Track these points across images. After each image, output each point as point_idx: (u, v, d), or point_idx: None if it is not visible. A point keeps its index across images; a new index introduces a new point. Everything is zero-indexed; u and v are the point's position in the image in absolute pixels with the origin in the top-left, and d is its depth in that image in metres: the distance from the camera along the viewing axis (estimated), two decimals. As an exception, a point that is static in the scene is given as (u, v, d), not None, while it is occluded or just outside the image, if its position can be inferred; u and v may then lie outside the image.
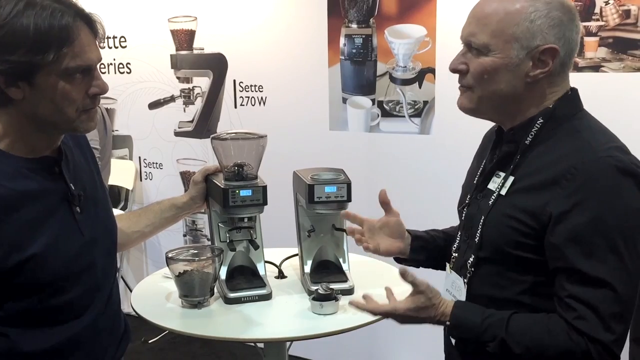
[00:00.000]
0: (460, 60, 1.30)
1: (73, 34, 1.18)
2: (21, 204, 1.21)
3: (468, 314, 1.29)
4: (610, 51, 2.34)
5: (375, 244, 1.62)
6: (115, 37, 3.72)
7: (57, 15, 1.16)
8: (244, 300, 1.76)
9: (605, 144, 1.23)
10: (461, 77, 1.31)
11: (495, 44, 1.24)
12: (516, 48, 1.23)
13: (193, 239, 3.70)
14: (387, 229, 1.62)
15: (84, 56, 1.20)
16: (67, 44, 1.17)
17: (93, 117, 1.28)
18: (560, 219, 1.19)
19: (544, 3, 1.23)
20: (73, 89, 1.20)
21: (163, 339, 3.51)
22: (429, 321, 1.33)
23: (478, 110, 1.32)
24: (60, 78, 1.18)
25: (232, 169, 1.76)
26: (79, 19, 1.19)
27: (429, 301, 1.31)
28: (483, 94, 1.29)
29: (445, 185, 2.57)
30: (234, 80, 3.37)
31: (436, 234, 1.63)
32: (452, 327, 1.30)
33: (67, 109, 1.22)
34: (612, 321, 1.17)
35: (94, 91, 1.24)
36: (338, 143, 3.03)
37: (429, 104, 2.79)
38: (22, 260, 1.20)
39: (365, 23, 2.88)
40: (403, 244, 1.61)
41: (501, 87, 1.27)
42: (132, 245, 1.81)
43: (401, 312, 1.32)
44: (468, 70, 1.29)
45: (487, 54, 1.25)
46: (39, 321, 1.26)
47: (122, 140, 3.87)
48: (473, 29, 1.27)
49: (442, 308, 1.31)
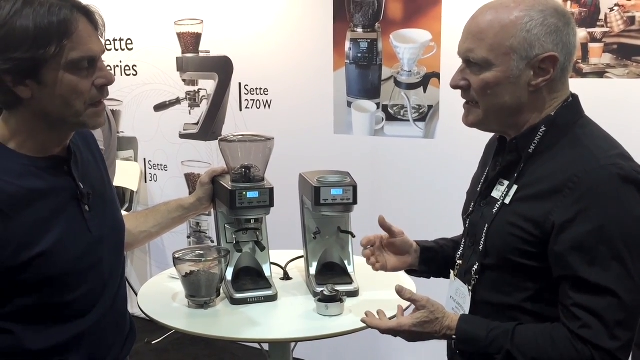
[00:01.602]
0: (461, 76, 1.30)
1: (72, 26, 1.19)
2: (31, 201, 1.23)
3: (474, 328, 1.29)
4: (615, 57, 2.35)
5: (383, 262, 1.65)
6: (122, 39, 3.74)
7: (55, 10, 1.18)
8: (250, 301, 1.77)
9: (607, 151, 1.23)
10: (464, 92, 1.31)
11: (495, 58, 1.24)
12: (516, 59, 1.23)
13: (197, 240, 3.71)
14: (393, 248, 1.65)
15: (85, 47, 1.22)
16: (67, 36, 1.18)
17: (101, 113, 1.29)
18: (564, 227, 1.19)
19: (538, 11, 1.23)
20: (80, 81, 1.22)
21: (166, 340, 3.52)
22: (436, 336, 1.33)
23: (484, 124, 1.33)
24: (66, 71, 1.20)
25: (239, 171, 1.77)
26: (76, 11, 1.21)
27: (432, 315, 1.32)
28: (489, 108, 1.29)
29: (449, 189, 2.58)
30: (239, 83, 3.39)
31: (445, 243, 1.64)
32: (459, 341, 1.31)
33: (75, 102, 1.23)
34: (616, 329, 1.17)
35: (101, 82, 1.25)
36: (343, 146, 3.04)
37: (434, 108, 2.81)
38: (30, 257, 1.21)
39: (371, 27, 2.90)
40: (411, 258, 1.63)
41: (505, 99, 1.27)
42: (139, 245, 1.83)
43: (406, 328, 1.34)
44: (469, 85, 1.29)
45: (489, 69, 1.25)
46: (45, 318, 1.27)
47: (127, 141, 3.89)
48: (470, 45, 1.27)
49: (447, 322, 1.32)
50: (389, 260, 1.64)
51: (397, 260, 1.64)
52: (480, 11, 1.28)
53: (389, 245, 1.65)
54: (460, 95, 1.34)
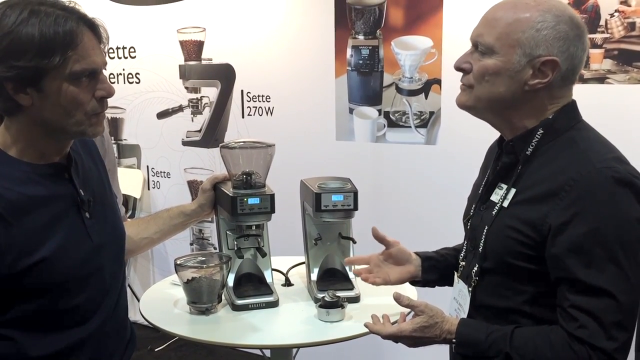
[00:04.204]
0: (466, 59, 1.33)
1: (77, 38, 1.20)
2: (31, 208, 1.23)
3: (473, 331, 1.31)
4: (616, 63, 2.36)
5: (384, 276, 1.65)
6: (125, 47, 3.76)
7: (61, 21, 1.19)
8: (251, 307, 1.77)
9: (603, 154, 1.24)
10: (464, 75, 1.34)
11: (500, 47, 1.27)
12: (519, 54, 1.26)
13: (200, 247, 3.71)
14: (391, 259, 1.66)
15: (89, 59, 1.23)
16: (71, 48, 1.19)
17: (101, 122, 1.30)
18: (560, 230, 1.20)
19: (553, 15, 1.25)
20: (80, 93, 1.23)
21: (169, 347, 3.52)
22: (437, 340, 1.35)
23: (474, 108, 1.34)
24: (67, 82, 1.21)
25: (241, 178, 1.78)
26: (82, 24, 1.22)
27: (431, 319, 1.34)
28: (481, 94, 1.31)
29: (450, 195, 2.58)
30: (241, 91, 3.40)
31: (447, 252, 1.65)
32: (458, 344, 1.32)
33: (75, 113, 1.24)
34: (613, 330, 1.18)
35: (101, 94, 1.26)
36: (344, 153, 3.04)
37: (435, 114, 2.81)
38: (31, 264, 1.22)
39: (372, 34, 2.91)
40: (413, 267, 1.64)
41: (500, 90, 1.28)
42: (141, 251, 1.83)
43: (407, 333, 1.36)
44: (471, 69, 1.31)
45: (491, 56, 1.28)
46: (45, 325, 1.28)
47: (130, 149, 3.90)
48: (481, 30, 1.30)
49: (446, 326, 1.33)
50: (391, 273, 1.65)
51: (399, 271, 1.65)
52: (502, 2, 1.32)
53: (387, 258, 1.67)
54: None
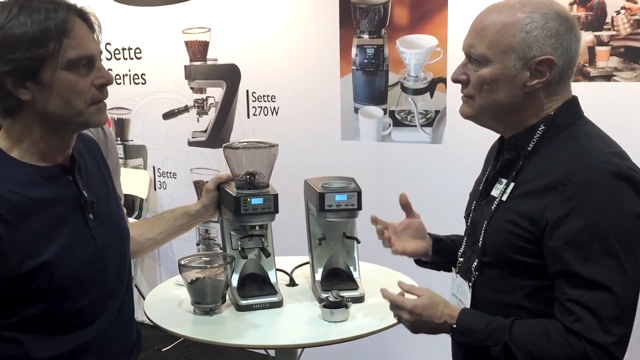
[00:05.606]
0: (461, 71, 1.33)
1: (69, 26, 1.22)
2: (35, 211, 1.24)
3: (473, 319, 1.32)
4: (622, 60, 2.34)
5: (402, 246, 1.65)
6: (131, 48, 3.76)
7: (51, 13, 1.21)
8: (256, 308, 1.77)
9: (602, 149, 1.24)
10: (463, 87, 1.34)
11: (493, 55, 1.27)
12: (513, 59, 1.26)
13: (206, 247, 3.71)
14: (410, 230, 1.66)
15: (83, 46, 1.24)
16: (65, 36, 1.21)
17: (103, 110, 1.30)
18: (558, 223, 1.21)
19: (540, 14, 1.25)
20: (79, 81, 1.24)
21: (176, 348, 3.53)
22: (436, 321, 1.35)
23: (478, 118, 1.35)
24: (65, 70, 1.22)
25: (244, 178, 1.78)
26: (72, 12, 1.24)
27: (431, 300, 1.36)
28: (483, 104, 1.31)
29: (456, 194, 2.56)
30: (246, 91, 3.40)
31: (456, 238, 1.65)
32: (459, 332, 1.33)
33: (75, 102, 1.25)
34: (610, 324, 1.18)
35: (100, 81, 1.27)
36: (350, 152, 3.04)
37: (441, 113, 2.80)
38: (35, 267, 1.22)
39: (377, 33, 2.90)
40: (427, 244, 1.65)
41: (500, 97, 1.29)
42: (145, 252, 1.84)
43: (409, 306, 1.38)
44: (469, 80, 1.31)
45: (486, 65, 1.28)
46: (51, 327, 1.28)
47: (136, 150, 3.91)
48: (472, 41, 1.30)
49: (448, 310, 1.34)
50: (408, 244, 1.65)
51: (416, 244, 1.65)
52: (486, 10, 1.32)
53: (406, 228, 1.66)
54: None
